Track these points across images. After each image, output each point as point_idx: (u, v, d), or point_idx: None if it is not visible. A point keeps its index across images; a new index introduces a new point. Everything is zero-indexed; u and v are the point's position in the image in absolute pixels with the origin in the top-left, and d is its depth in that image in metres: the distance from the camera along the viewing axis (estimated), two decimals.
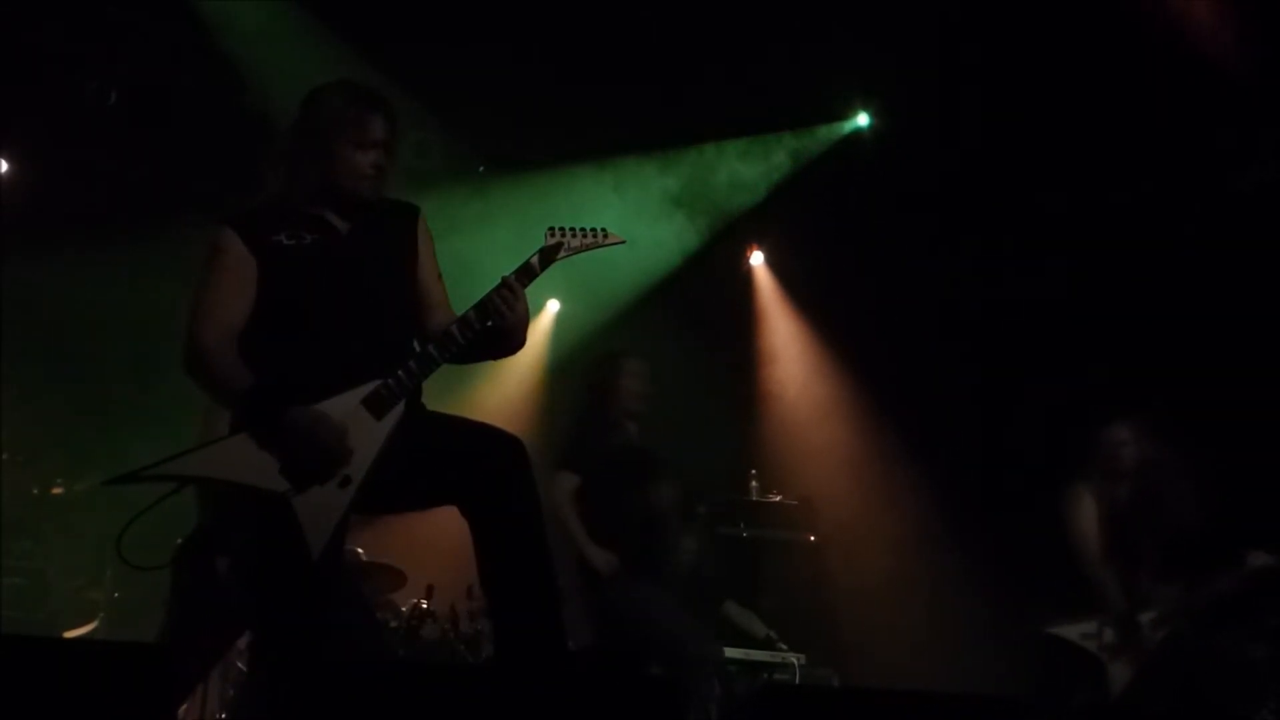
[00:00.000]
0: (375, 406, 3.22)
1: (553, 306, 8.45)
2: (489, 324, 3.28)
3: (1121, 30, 5.96)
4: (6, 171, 6.89)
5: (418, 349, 3.35)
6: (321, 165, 3.32)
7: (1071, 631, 4.85)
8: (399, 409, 3.25)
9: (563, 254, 3.41)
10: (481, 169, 7.81)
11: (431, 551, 5.78)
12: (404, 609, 5.63)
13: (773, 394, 8.04)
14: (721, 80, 6.99)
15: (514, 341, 3.42)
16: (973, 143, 6.68)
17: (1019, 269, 6.70)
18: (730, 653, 5.65)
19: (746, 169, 7.83)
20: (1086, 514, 5.01)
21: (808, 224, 7.74)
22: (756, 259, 8.34)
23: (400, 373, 3.24)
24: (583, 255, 3.45)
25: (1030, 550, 5.40)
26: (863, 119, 7.58)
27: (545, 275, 3.42)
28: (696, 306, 8.03)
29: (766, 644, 5.76)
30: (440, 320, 3.39)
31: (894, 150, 7.31)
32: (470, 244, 7.72)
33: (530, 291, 3.38)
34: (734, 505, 6.99)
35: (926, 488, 7.00)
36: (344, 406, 3.18)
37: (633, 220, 7.79)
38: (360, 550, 5.55)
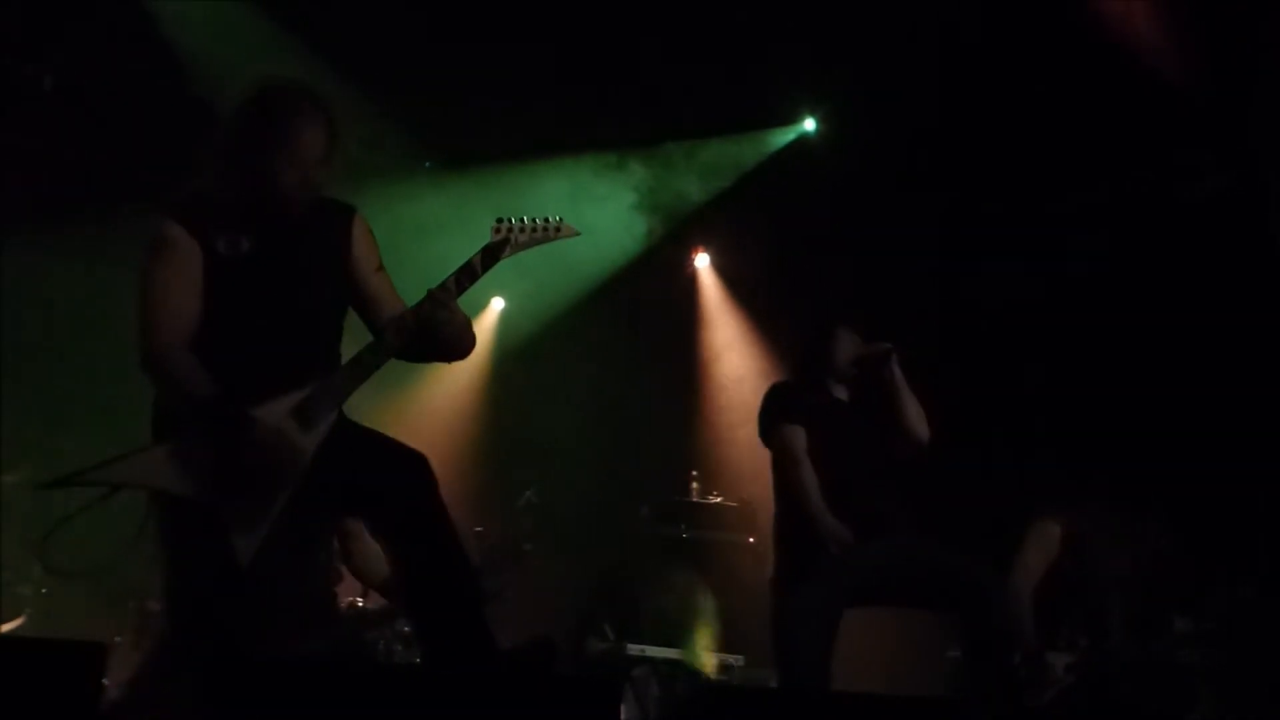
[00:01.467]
0: (304, 417, 3.15)
1: (497, 304, 8.42)
2: (425, 331, 3.21)
3: (1070, 38, 6.04)
4: None
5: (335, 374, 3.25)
6: (253, 176, 3.23)
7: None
8: (329, 419, 3.19)
9: (508, 252, 3.28)
10: (428, 164, 7.76)
11: None
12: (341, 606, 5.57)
13: (715, 396, 8.07)
14: (669, 84, 7.00)
15: (459, 348, 3.36)
16: (918, 148, 6.74)
17: (964, 273, 6.77)
18: (669, 653, 5.66)
19: (693, 172, 7.86)
20: (1043, 547, 4.96)
21: (753, 227, 7.78)
22: (702, 261, 8.36)
23: (327, 384, 3.18)
24: (531, 253, 3.34)
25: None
26: (809, 124, 7.62)
27: (490, 273, 3.31)
28: (641, 307, 8.04)
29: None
30: (388, 314, 3.30)
31: (840, 155, 7.36)
32: (414, 239, 7.69)
33: (477, 288, 3.31)
34: (675, 507, 7.01)
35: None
36: (275, 416, 3.12)
37: (578, 220, 7.75)
38: None
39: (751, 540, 6.93)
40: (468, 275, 3.24)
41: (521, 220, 3.30)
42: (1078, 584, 4.93)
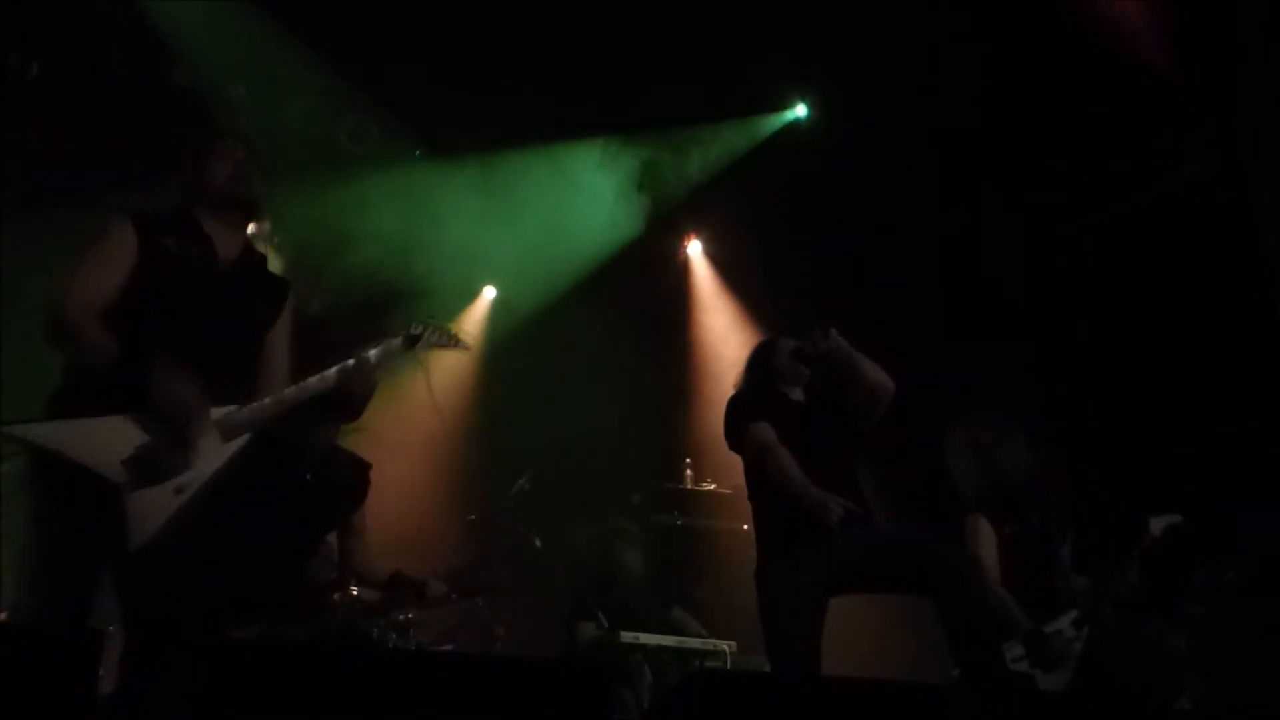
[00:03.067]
0: (226, 429, 3.43)
1: (489, 293, 8.41)
2: (337, 391, 3.57)
3: (1058, 24, 6.04)
4: None
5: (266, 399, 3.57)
6: (195, 180, 3.63)
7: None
8: (245, 438, 3.47)
9: (421, 346, 3.78)
10: (418, 153, 7.74)
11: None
12: (336, 595, 5.58)
13: (708, 383, 8.07)
14: (660, 70, 6.98)
15: (354, 413, 3.74)
16: (908, 134, 6.74)
17: (955, 259, 6.78)
18: (662, 640, 5.67)
19: (684, 158, 7.84)
20: (985, 541, 5.03)
21: (745, 214, 7.77)
22: (694, 248, 8.35)
23: (255, 407, 3.49)
24: (522, 241, 3.71)
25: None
26: (800, 110, 7.61)
27: (482, 261, 3.55)
28: (633, 294, 8.03)
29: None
30: (274, 388, 3.60)
31: (831, 141, 7.35)
32: (406, 229, 7.68)
33: (469, 277, 3.47)
34: (668, 494, 7.02)
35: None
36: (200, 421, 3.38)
37: (569, 208, 7.77)
38: None
39: (745, 527, 6.93)
40: (386, 354, 3.71)
41: (437, 325, 3.86)
42: (1044, 535, 4.98)
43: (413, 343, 3.75)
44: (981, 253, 6.71)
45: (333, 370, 3.59)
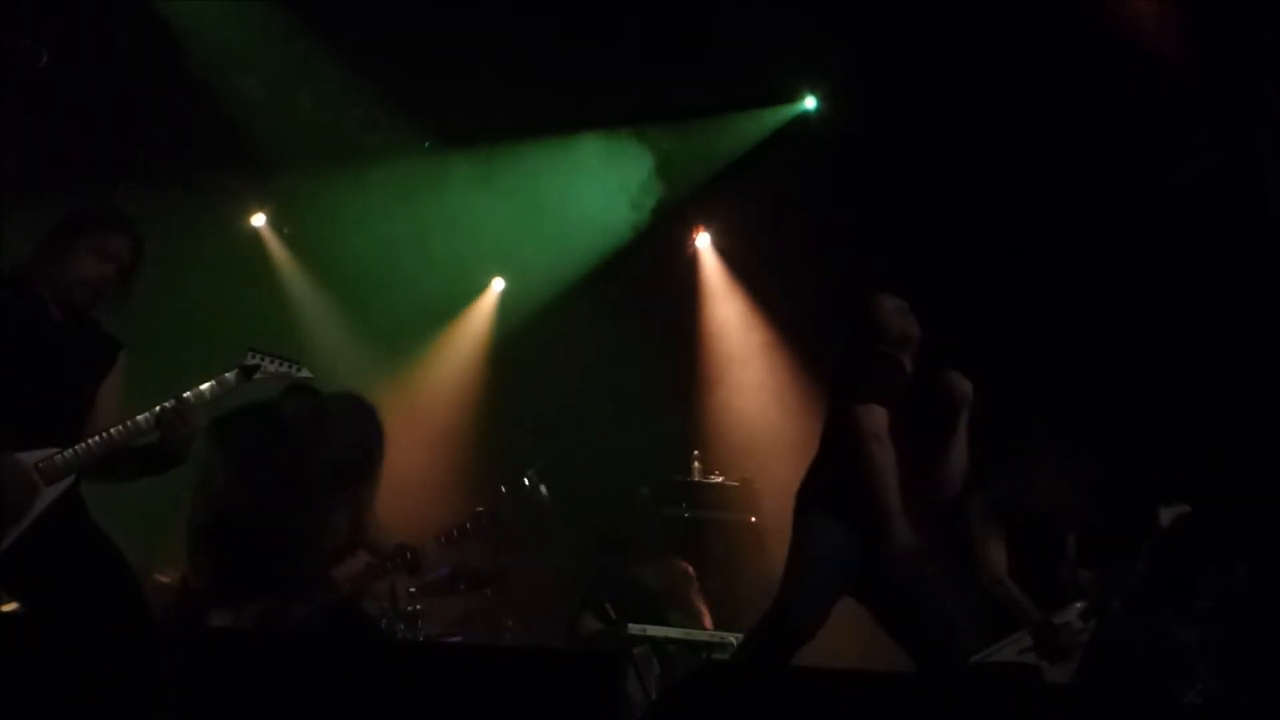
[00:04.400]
0: (47, 474, 3.47)
1: (498, 285, 8.40)
2: (156, 435, 3.57)
3: (1070, 16, 6.02)
4: None
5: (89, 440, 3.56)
6: (58, 255, 3.61)
7: (1007, 651, 4.74)
8: (67, 481, 3.51)
9: (259, 375, 3.72)
10: (428, 144, 7.73)
11: None
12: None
13: (715, 375, 8.06)
14: (669, 62, 6.97)
15: (172, 460, 3.70)
16: (918, 127, 6.72)
17: (963, 252, 6.76)
18: (669, 632, 5.67)
19: (693, 151, 7.82)
20: (991, 530, 4.96)
21: (754, 206, 7.75)
22: (702, 241, 8.35)
23: (78, 448, 3.50)
24: (531, 233, 3.66)
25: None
26: (810, 102, 7.59)
27: (491, 253, 3.49)
28: (641, 287, 8.03)
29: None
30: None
31: (840, 133, 7.33)
32: (416, 220, 7.68)
33: (475, 269, 3.44)
34: (676, 486, 7.02)
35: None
36: (15, 465, 3.43)
37: (578, 199, 7.76)
38: None
39: (753, 520, 6.94)
40: (220, 386, 3.67)
41: (273, 355, 3.77)
42: (1047, 555, 4.96)
43: (249, 374, 3.70)
44: (992, 245, 6.69)
45: (152, 412, 3.59)
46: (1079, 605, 4.79)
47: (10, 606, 6.11)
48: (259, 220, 8.10)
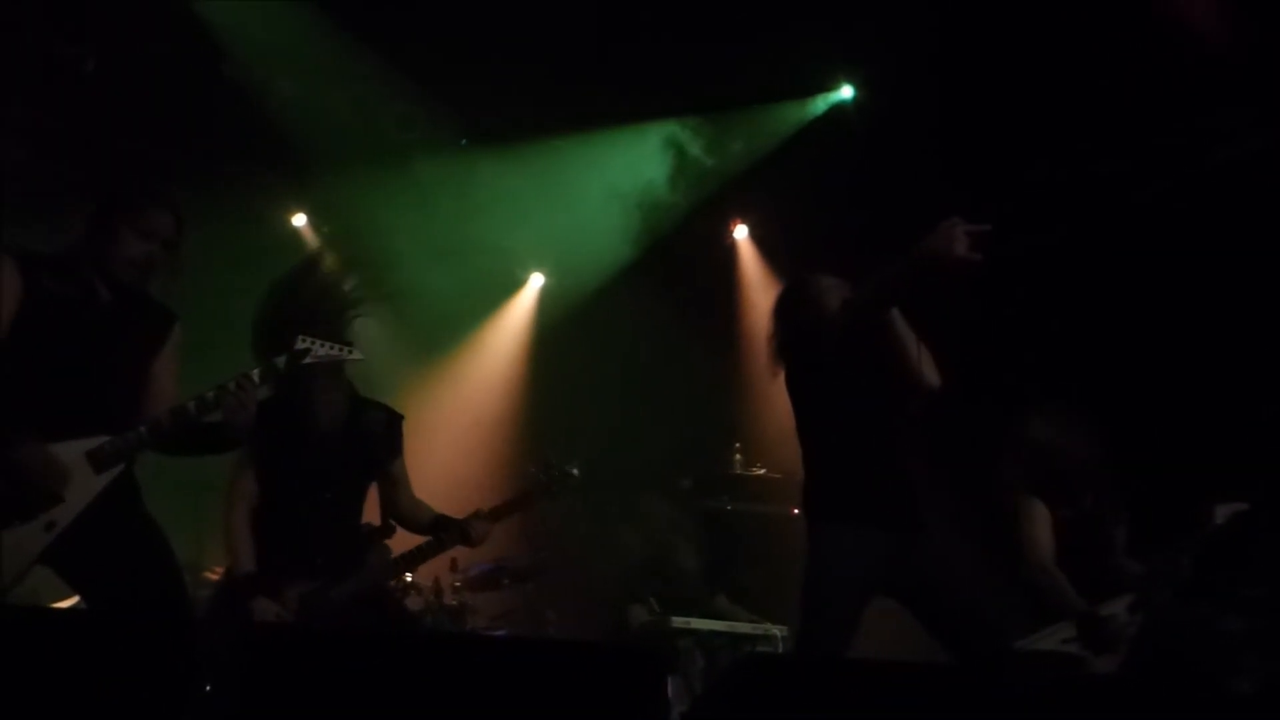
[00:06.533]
0: (98, 461, 3.46)
1: (536, 280, 8.43)
2: (209, 417, 3.56)
3: (1107, 4, 5.95)
4: None
5: (141, 428, 3.57)
6: (102, 237, 3.60)
7: (1049, 640, 4.69)
8: (118, 469, 3.50)
9: (309, 359, 3.71)
10: (464, 142, 7.77)
11: None
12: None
13: (756, 368, 8.04)
14: (705, 53, 6.95)
15: (231, 441, 3.72)
16: (955, 115, 6.66)
17: (1004, 242, 6.69)
18: (714, 625, 5.68)
19: (730, 142, 7.81)
20: (1039, 520, 4.90)
21: (791, 197, 7.72)
22: (740, 232, 8.33)
23: (129, 435, 3.50)
24: (569, 228, 3.66)
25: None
26: (846, 91, 7.54)
27: (528, 248, 3.50)
28: (681, 280, 8.03)
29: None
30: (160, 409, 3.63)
31: (877, 123, 7.28)
32: (449, 216, 7.71)
33: (512, 265, 3.45)
34: (718, 479, 7.01)
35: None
36: (68, 453, 3.42)
37: (616, 193, 7.77)
38: None
39: (795, 512, 6.91)
40: (270, 371, 3.67)
41: (323, 341, 3.75)
42: (1095, 546, 4.91)
43: (300, 357, 3.70)
44: (1032, 232, 6.62)
45: (211, 393, 3.57)
46: (1128, 598, 4.75)
47: (72, 600, 6.23)
48: (299, 220, 8.17)
